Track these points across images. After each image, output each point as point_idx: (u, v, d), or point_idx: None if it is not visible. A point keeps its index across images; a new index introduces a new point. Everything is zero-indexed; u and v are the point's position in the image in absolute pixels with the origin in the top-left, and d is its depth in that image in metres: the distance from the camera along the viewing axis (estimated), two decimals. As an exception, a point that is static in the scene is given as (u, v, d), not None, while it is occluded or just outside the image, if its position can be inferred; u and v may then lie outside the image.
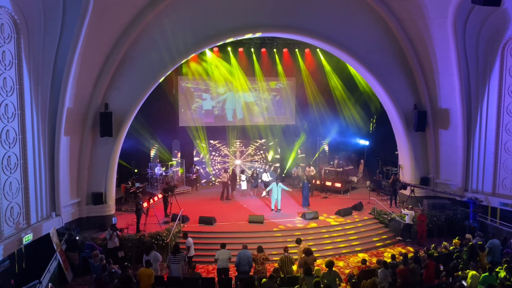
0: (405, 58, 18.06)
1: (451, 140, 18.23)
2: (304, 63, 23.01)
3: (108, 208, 16.67)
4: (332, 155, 24.46)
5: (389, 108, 18.90)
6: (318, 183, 21.98)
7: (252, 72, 22.78)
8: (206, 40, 16.79)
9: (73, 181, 15.75)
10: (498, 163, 17.29)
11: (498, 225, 16.42)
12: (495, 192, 17.37)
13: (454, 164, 18.29)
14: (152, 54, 16.23)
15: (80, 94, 14.99)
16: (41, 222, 13.81)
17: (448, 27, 16.32)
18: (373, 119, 24.02)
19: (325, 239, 16.32)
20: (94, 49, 14.70)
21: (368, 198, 20.07)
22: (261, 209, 19.02)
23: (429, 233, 17.19)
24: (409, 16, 16.98)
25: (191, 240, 13.65)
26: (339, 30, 17.59)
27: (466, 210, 17.19)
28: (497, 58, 16.77)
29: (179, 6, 16.03)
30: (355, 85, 22.68)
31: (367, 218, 17.91)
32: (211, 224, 16.82)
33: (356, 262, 14.73)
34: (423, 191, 18.66)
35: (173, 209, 17.48)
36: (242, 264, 11.96)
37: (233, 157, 24.39)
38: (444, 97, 18.00)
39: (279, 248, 14.59)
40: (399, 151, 19.85)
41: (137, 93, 16.35)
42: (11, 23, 12.18)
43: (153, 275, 10.99)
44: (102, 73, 15.54)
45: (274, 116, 24.39)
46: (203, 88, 23.11)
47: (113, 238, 14.13)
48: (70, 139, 15.12)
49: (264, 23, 17.17)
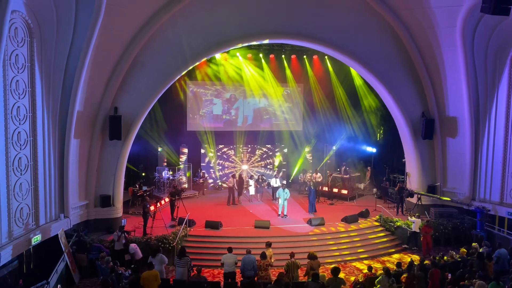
0: (413, 66, 18.08)
1: (458, 149, 18.18)
2: (312, 70, 23.09)
3: (115, 210, 16.83)
4: (339, 161, 24.47)
5: (396, 115, 18.90)
6: (325, 189, 21.97)
7: (261, 78, 22.90)
8: (216, 45, 16.96)
9: (82, 183, 15.93)
10: (506, 172, 17.21)
11: (506, 234, 16.32)
12: (503, 201, 17.26)
13: (461, 172, 18.22)
14: (162, 58, 16.44)
15: (90, 98, 15.21)
16: (50, 223, 13.97)
17: (456, 35, 16.33)
18: (380, 130, 23.99)
19: (330, 246, 16.30)
20: (105, 53, 14.92)
21: (374, 205, 20.02)
22: (267, 214, 19.06)
23: (436, 242, 17.08)
24: (418, 25, 17.02)
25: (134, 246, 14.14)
26: (348, 38, 17.67)
27: (473, 219, 17.11)
28: (506, 67, 16.74)
29: (189, 12, 16.23)
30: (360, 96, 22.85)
31: (374, 226, 17.87)
32: (217, 229, 16.88)
33: (362, 269, 14.70)
34: (430, 199, 18.59)
35: (180, 213, 17.58)
36: (247, 269, 12.00)
37: (240, 162, 24.47)
38: (452, 105, 17.97)
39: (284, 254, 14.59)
40: (406, 159, 19.81)
41: (146, 97, 16.55)
42: (24, 27, 12.42)
43: (158, 275, 11.01)
44: (112, 77, 15.77)
45: (281, 122, 24.49)
46: (212, 93, 23.30)
47: (121, 240, 14.25)
48: (79, 142, 15.32)
49: (274, 30, 17.30)
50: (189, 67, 17.37)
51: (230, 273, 12.31)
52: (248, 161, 24.64)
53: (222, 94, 23.42)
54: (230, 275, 12.31)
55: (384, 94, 18.74)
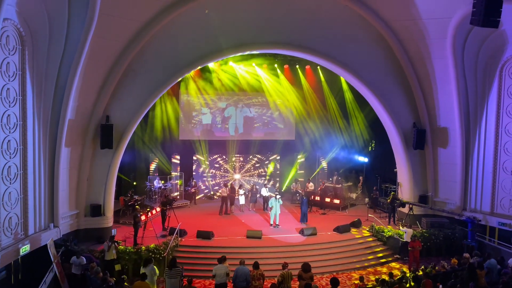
0: (405, 76, 18.21)
1: (450, 159, 18.30)
2: (305, 80, 23.19)
3: (106, 220, 16.67)
4: (331, 171, 24.52)
5: (388, 126, 19.01)
6: (317, 199, 21.98)
7: (254, 87, 22.98)
8: (209, 54, 16.98)
9: (72, 192, 15.79)
10: (496, 183, 17.35)
11: (496, 245, 16.40)
12: (493, 211, 17.37)
13: (452, 182, 18.33)
14: (155, 67, 16.42)
15: (82, 106, 15.14)
16: (39, 233, 13.79)
17: (447, 47, 16.53)
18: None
19: (323, 256, 16.24)
20: (98, 62, 14.88)
21: (366, 215, 20.04)
22: (259, 224, 18.98)
23: (428, 252, 17.13)
24: (410, 36, 17.20)
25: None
26: (340, 48, 17.79)
27: (464, 229, 17.18)
28: (496, 78, 16.97)
29: (182, 21, 16.23)
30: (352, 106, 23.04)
31: (365, 235, 17.87)
32: (209, 239, 16.77)
33: (354, 279, 14.66)
34: (422, 209, 18.65)
35: (171, 222, 17.45)
36: (239, 280, 11.89)
37: (232, 172, 24.42)
38: (443, 115, 18.12)
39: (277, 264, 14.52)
40: (398, 169, 19.90)
41: (138, 106, 16.49)
42: (16, 35, 12.36)
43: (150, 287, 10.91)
44: (104, 86, 15.70)
45: (274, 131, 24.54)
46: (204, 102, 23.27)
47: (111, 250, 14.09)
48: (70, 151, 15.20)
49: (267, 40, 17.38)
50: (181, 76, 17.40)
51: (222, 284, 12.19)
52: (240, 170, 24.59)
53: (214, 103, 23.41)
54: (221, 286, 12.19)
55: (375, 105, 18.86)
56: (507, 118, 16.93)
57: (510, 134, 16.93)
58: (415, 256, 15.52)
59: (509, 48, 16.43)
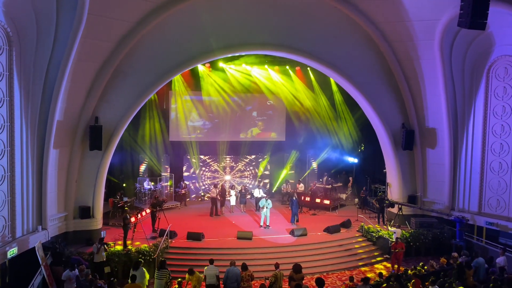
0: (394, 78, 18.36)
1: (438, 159, 18.48)
2: (295, 81, 23.21)
3: (95, 222, 16.53)
4: (322, 172, 24.61)
5: (377, 126, 19.15)
6: (307, 199, 22.05)
7: (244, 88, 22.97)
8: (199, 55, 16.95)
9: (61, 194, 15.63)
10: (484, 183, 17.56)
11: (484, 244, 16.60)
12: (481, 211, 17.58)
13: (441, 183, 18.51)
14: (144, 68, 16.35)
15: (70, 107, 15.00)
16: (27, 236, 13.64)
17: (435, 48, 16.70)
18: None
19: (313, 256, 16.29)
20: (86, 62, 14.77)
21: (356, 215, 20.15)
22: (250, 225, 18.98)
23: (417, 251, 17.32)
24: (398, 38, 17.35)
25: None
26: (330, 50, 17.88)
27: (452, 229, 17.36)
28: (483, 79, 17.19)
29: (172, 22, 16.19)
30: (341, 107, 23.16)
31: (355, 236, 17.96)
32: (199, 240, 16.73)
33: (344, 279, 14.73)
34: (411, 209, 18.81)
35: (161, 224, 17.37)
36: (230, 281, 11.89)
37: (223, 173, 24.39)
38: (432, 116, 18.31)
39: (267, 265, 14.55)
40: (387, 169, 20.05)
41: (127, 107, 16.39)
42: (3, 36, 12.23)
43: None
44: (93, 87, 15.57)
45: (265, 132, 24.56)
46: (195, 103, 23.20)
47: (100, 252, 13.98)
48: (59, 152, 15.06)
49: (256, 41, 17.40)
50: (171, 77, 17.33)
51: (212, 286, 12.18)
52: (231, 171, 24.57)
53: (204, 104, 23.35)
54: (211, 287, 12.18)
55: (365, 106, 18.98)
56: (494, 118, 17.16)
57: (497, 135, 17.16)
58: (398, 258, 15.26)
59: (495, 50, 16.66)
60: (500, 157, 17.11)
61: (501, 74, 16.82)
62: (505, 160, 16.96)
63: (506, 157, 16.94)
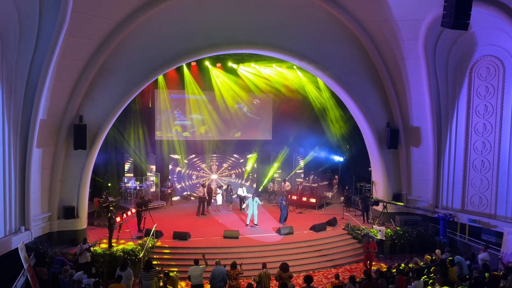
0: (379, 77, 18.54)
1: (422, 158, 18.72)
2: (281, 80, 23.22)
3: (80, 222, 16.33)
4: (308, 171, 24.72)
5: (362, 125, 19.31)
6: (294, 198, 22.13)
7: (230, 87, 22.91)
8: (184, 54, 16.84)
9: (44, 194, 15.40)
10: (466, 181, 17.85)
11: (467, 241, 16.88)
12: (464, 208, 17.86)
13: (425, 181, 18.75)
14: (129, 67, 16.19)
15: (54, 106, 14.78)
16: (10, 237, 13.41)
17: (419, 48, 16.91)
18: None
19: (299, 254, 16.36)
20: (70, 60, 14.56)
21: (342, 213, 20.29)
22: (236, 224, 18.97)
23: (402, 249, 17.54)
24: (383, 37, 17.52)
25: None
26: (315, 49, 17.95)
27: (436, 226, 17.60)
28: (465, 79, 17.46)
29: (157, 20, 16.09)
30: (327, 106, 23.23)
31: (341, 234, 18.09)
32: (186, 240, 16.66)
33: (330, 277, 14.82)
34: (396, 207, 19.02)
35: (147, 224, 17.25)
36: (217, 280, 11.88)
37: (209, 172, 24.33)
38: (416, 115, 18.53)
39: (254, 264, 14.58)
40: (372, 168, 20.23)
41: (112, 106, 16.22)
42: (-16, 33, 11.99)
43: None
44: (77, 85, 15.36)
45: (251, 132, 24.55)
46: (180, 102, 23.09)
47: (84, 252, 13.83)
48: (42, 151, 14.83)
49: (243, 40, 17.37)
50: (156, 76, 17.20)
51: (197, 286, 12.13)
52: (217, 170, 24.52)
53: (190, 103, 23.23)
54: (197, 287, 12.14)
55: (350, 105, 19.12)
56: (477, 117, 17.44)
57: (479, 133, 17.45)
58: (370, 259, 15.12)
59: (478, 50, 16.94)
60: (482, 155, 17.40)
61: (483, 73, 17.11)
62: (487, 158, 17.26)
63: (488, 155, 17.24)
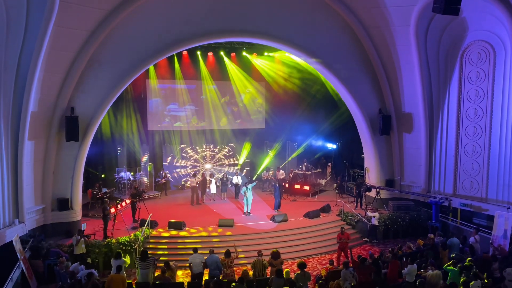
0: (371, 64, 18.56)
1: (414, 144, 18.86)
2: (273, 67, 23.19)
3: (74, 214, 16.33)
4: (301, 158, 24.81)
5: (355, 112, 19.36)
6: (287, 186, 22.23)
7: (222, 76, 22.85)
8: (174, 44, 16.72)
9: (38, 187, 15.35)
10: (458, 165, 18.05)
11: (459, 225, 17.10)
12: (456, 193, 18.08)
13: (417, 166, 18.92)
14: (120, 57, 16.06)
15: (45, 98, 14.66)
16: (4, 230, 13.40)
17: (410, 34, 16.92)
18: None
19: (294, 241, 16.50)
20: (60, 52, 14.42)
21: (335, 200, 20.44)
22: (231, 212, 19.06)
23: (395, 234, 17.74)
24: (374, 23, 17.50)
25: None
26: (307, 36, 17.91)
27: (429, 211, 17.79)
28: (457, 64, 17.54)
29: (147, 10, 15.95)
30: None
31: (335, 220, 18.25)
32: (181, 229, 16.73)
33: (324, 263, 14.99)
34: (389, 193, 19.19)
35: (142, 214, 17.28)
36: (211, 268, 11.97)
37: (203, 161, 24.34)
38: (408, 101, 18.61)
39: (249, 252, 14.70)
40: (365, 154, 20.35)
41: (104, 97, 16.11)
42: (-29, 25, 11.82)
43: (125, 280, 10.82)
44: (68, 76, 15.23)
45: (244, 120, 24.54)
46: (172, 92, 22.98)
47: (80, 244, 13.85)
48: (34, 144, 14.75)
49: (233, 28, 17.28)
50: (148, 65, 17.10)
51: (198, 274, 12.22)
52: (211, 159, 24.53)
53: (182, 92, 23.12)
54: (197, 275, 12.23)
55: (342, 92, 19.14)
56: (468, 103, 17.56)
57: (470, 118, 17.59)
58: (343, 249, 14.74)
59: (469, 35, 16.99)
60: (474, 140, 17.57)
61: (474, 59, 17.19)
62: (478, 143, 17.43)
63: (479, 140, 17.41)
